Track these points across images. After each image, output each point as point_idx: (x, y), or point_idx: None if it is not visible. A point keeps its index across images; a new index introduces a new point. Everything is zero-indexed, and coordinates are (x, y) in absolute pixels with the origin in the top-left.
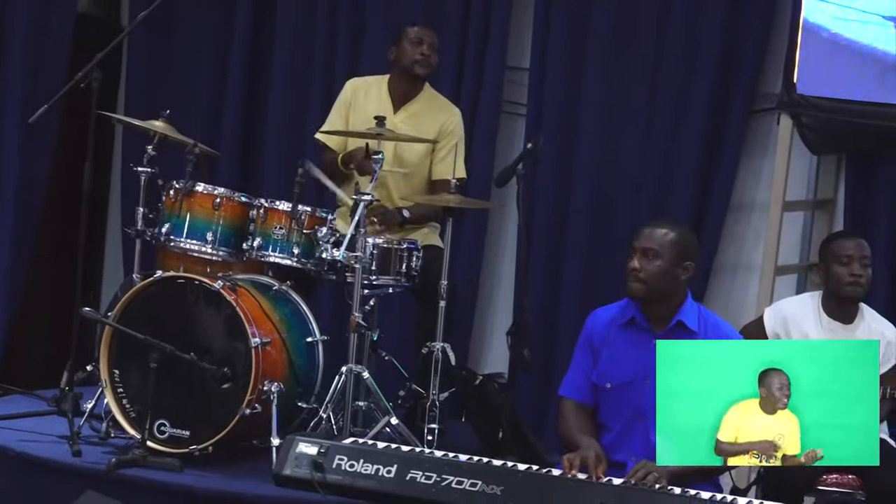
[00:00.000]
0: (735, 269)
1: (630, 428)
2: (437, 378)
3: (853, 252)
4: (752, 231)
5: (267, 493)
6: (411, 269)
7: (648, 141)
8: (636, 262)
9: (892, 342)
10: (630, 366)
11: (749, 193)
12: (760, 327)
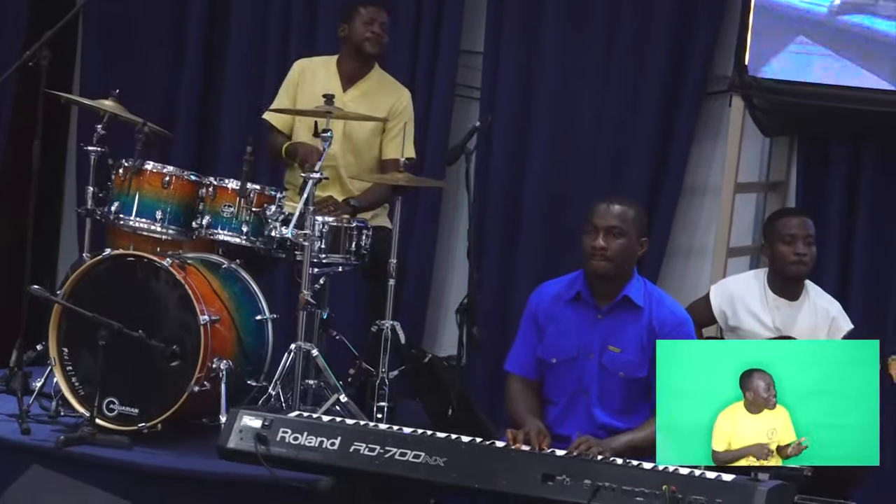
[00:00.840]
0: (688, 252)
1: (574, 402)
2: (386, 356)
3: (797, 231)
4: (705, 214)
5: (216, 469)
6: (361, 248)
7: (602, 125)
8: (601, 241)
9: (837, 318)
10: (574, 341)
11: (702, 176)
12: (707, 305)
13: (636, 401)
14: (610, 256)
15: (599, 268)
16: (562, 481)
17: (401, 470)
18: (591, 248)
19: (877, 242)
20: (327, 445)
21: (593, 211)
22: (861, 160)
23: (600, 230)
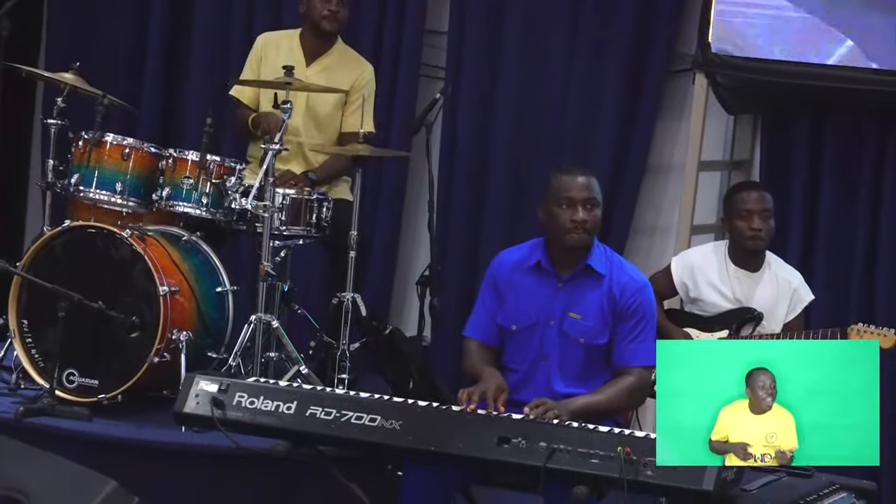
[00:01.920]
0: (653, 230)
1: (534, 370)
2: (347, 328)
3: (753, 206)
4: (669, 192)
5: (175, 440)
6: (321, 220)
7: (566, 104)
8: (582, 214)
9: (798, 289)
10: (534, 309)
11: (666, 155)
12: (668, 277)
13: (596, 368)
14: (590, 229)
15: (581, 241)
16: (517, 444)
17: (357, 434)
18: (570, 222)
19: (839, 218)
20: (283, 410)
21: (565, 184)
22: (824, 138)
23: (578, 203)
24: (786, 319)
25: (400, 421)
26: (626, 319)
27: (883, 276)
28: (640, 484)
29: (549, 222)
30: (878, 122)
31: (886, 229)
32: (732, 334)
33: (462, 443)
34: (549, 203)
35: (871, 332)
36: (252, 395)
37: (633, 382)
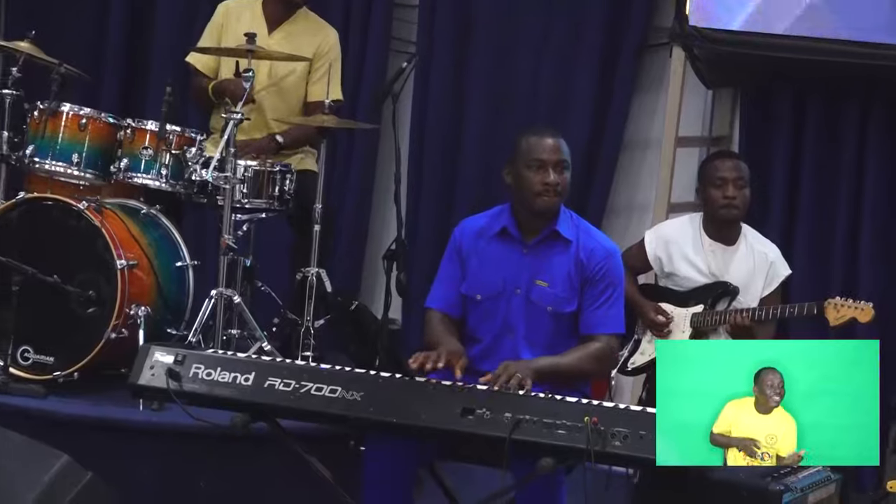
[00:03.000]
0: (630, 208)
1: (500, 340)
2: (311, 305)
3: (727, 174)
4: (646, 169)
5: (132, 417)
6: (284, 193)
7: (540, 78)
8: (554, 176)
9: (775, 263)
10: (500, 277)
11: (643, 131)
12: (641, 251)
13: (564, 338)
14: (561, 192)
15: (552, 204)
16: (482, 415)
17: (316, 405)
18: (541, 185)
19: (821, 193)
20: (241, 381)
21: (535, 145)
22: (805, 112)
23: (549, 165)
24: (762, 294)
25: (361, 392)
26: (593, 286)
27: (866, 252)
28: (609, 455)
29: (518, 185)
30: (861, 95)
31: (869, 204)
32: (707, 309)
33: (425, 414)
34: (517, 165)
35: (849, 305)
36: (209, 366)
37: (600, 348)
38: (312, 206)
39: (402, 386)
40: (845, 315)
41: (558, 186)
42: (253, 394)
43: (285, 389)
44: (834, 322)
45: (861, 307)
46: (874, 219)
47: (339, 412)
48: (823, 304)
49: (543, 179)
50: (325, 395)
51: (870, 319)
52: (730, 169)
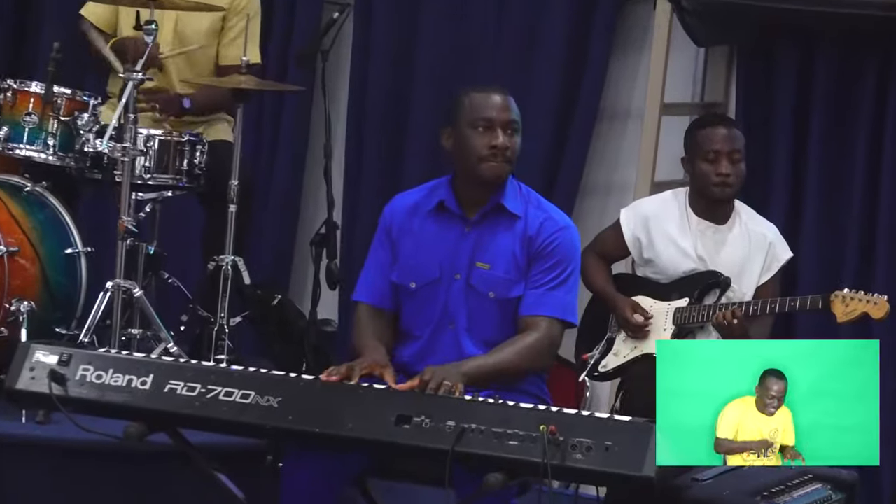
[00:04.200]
0: (607, 187)
1: (440, 334)
2: (225, 299)
3: (721, 146)
4: (626, 142)
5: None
6: (195, 167)
7: (500, 37)
8: (503, 139)
9: (775, 244)
10: (436, 261)
11: (623, 98)
12: (617, 232)
13: (511, 328)
14: (511, 157)
15: (500, 172)
16: (420, 423)
17: (226, 413)
18: (488, 149)
19: (832, 169)
20: (137, 385)
21: (482, 103)
22: (813, 74)
23: (497, 125)
24: (759, 282)
25: (278, 398)
26: (539, 261)
27: (884, 236)
28: (569, 470)
29: (460, 150)
30: (878, 54)
31: (888, 180)
32: (693, 303)
33: (353, 423)
34: (459, 126)
35: (860, 299)
36: (99, 367)
37: (538, 338)
38: (228, 183)
39: (326, 390)
40: (855, 310)
41: (507, 151)
42: (151, 400)
43: (189, 395)
44: (842, 318)
45: (874, 301)
46: (894, 197)
47: (252, 421)
48: (829, 297)
49: (490, 142)
50: (236, 402)
51: (884, 315)
52: (724, 140)
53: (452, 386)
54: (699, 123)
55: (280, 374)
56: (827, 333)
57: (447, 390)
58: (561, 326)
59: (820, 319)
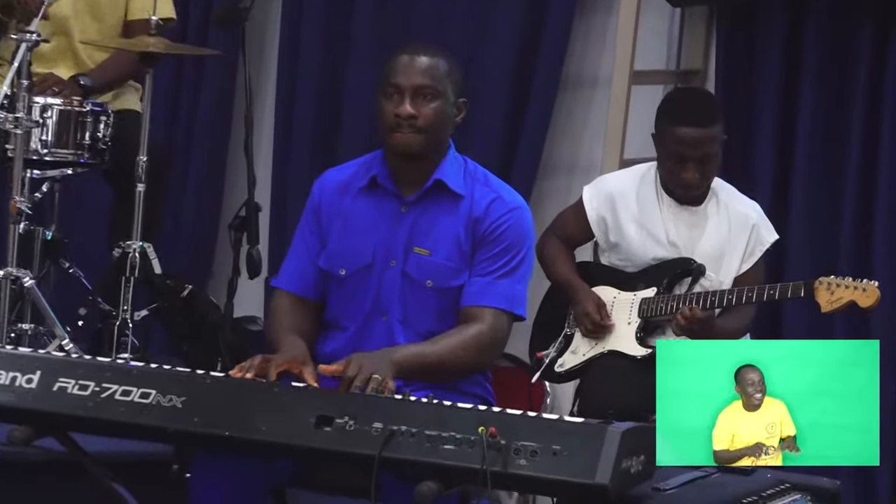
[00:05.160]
0: (571, 167)
1: (370, 326)
2: (130, 290)
3: (690, 152)
4: (592, 115)
5: None
6: (98, 141)
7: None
8: (409, 106)
9: (758, 226)
10: (369, 245)
11: (589, 65)
12: (579, 212)
13: (451, 320)
14: (422, 126)
15: (408, 143)
16: (343, 426)
17: (123, 414)
18: (393, 117)
19: (823, 143)
20: (22, 383)
21: (393, 66)
22: (803, 38)
23: (406, 91)
24: (741, 269)
25: (182, 397)
26: (485, 246)
27: (883, 218)
28: (510, 477)
29: (377, 120)
30: (875, 15)
31: (888, 154)
32: (662, 292)
33: (267, 426)
34: (377, 93)
35: (846, 285)
36: None
37: (481, 331)
38: (135, 159)
39: (237, 389)
40: (841, 298)
41: (416, 120)
42: (38, 400)
43: (81, 394)
44: (827, 307)
45: (863, 287)
46: (894, 172)
47: (152, 423)
48: (813, 284)
49: (396, 109)
50: (135, 401)
51: (873, 303)
52: (695, 144)
53: (382, 382)
54: (670, 108)
55: (185, 371)
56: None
57: (376, 387)
58: (508, 319)
59: (811, 313)
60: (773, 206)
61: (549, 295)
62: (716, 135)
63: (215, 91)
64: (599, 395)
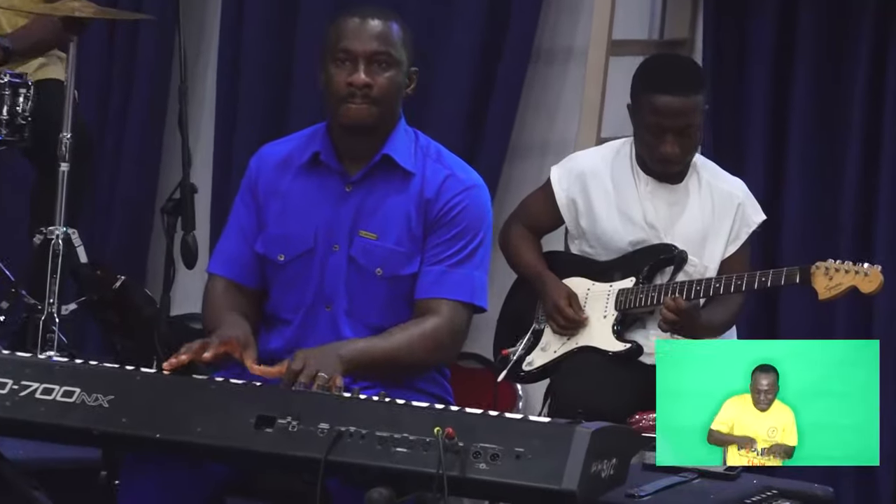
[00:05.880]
0: (543, 147)
1: (314, 318)
2: (56, 281)
3: (669, 122)
4: (567, 89)
5: None
6: (17, 116)
7: None
8: (363, 75)
9: (745, 205)
10: (311, 227)
11: (564, 34)
12: (547, 194)
13: (403, 312)
14: (377, 97)
15: (361, 115)
16: (285, 426)
17: (43, 414)
18: (346, 86)
19: (820, 116)
20: None
21: (342, 30)
22: (798, 3)
23: (359, 58)
24: (726, 253)
25: (110, 396)
26: (439, 230)
27: (885, 197)
28: (469, 482)
29: (325, 89)
30: None
31: (889, 129)
32: (641, 283)
33: (203, 426)
34: (325, 61)
35: (846, 269)
36: None
37: (437, 325)
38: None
39: (170, 386)
40: (840, 284)
41: (371, 89)
42: None
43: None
44: (824, 294)
45: (864, 271)
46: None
47: (76, 424)
48: (810, 269)
49: (348, 78)
50: (57, 401)
51: (876, 288)
52: (675, 114)
53: (329, 380)
54: (648, 75)
55: (112, 368)
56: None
57: (322, 385)
58: (467, 311)
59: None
60: (766, 186)
61: (516, 287)
62: (697, 104)
63: (151, 61)
64: (572, 394)
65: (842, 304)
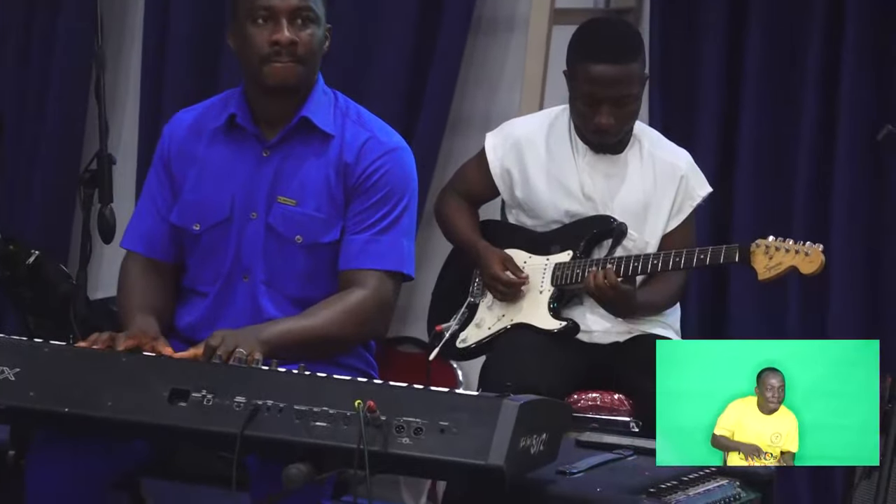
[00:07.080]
0: (485, 120)
1: (231, 290)
2: None
3: (603, 91)
4: (509, 61)
5: None
6: None
7: None
8: (288, 32)
9: (688, 177)
10: (227, 194)
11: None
12: (481, 162)
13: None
14: (302, 55)
15: (287, 75)
16: (200, 400)
17: None
18: (269, 45)
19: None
20: None
21: None
22: None
23: (281, 14)
24: (668, 227)
25: (16, 369)
26: (360, 196)
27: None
28: (392, 458)
29: (241, 49)
30: None
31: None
32: (578, 257)
33: (113, 400)
34: (240, 19)
35: (786, 248)
36: None
37: (363, 298)
38: None
39: (79, 359)
40: (780, 263)
41: (296, 47)
42: None
43: None
44: (764, 273)
45: (805, 251)
46: (854, 117)
47: None
48: (750, 247)
49: (272, 36)
50: None
51: (816, 269)
52: (609, 82)
53: (248, 355)
54: (582, 46)
55: (19, 340)
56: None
57: (239, 359)
58: (395, 282)
59: None
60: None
61: (451, 259)
62: (634, 73)
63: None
64: (506, 373)
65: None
